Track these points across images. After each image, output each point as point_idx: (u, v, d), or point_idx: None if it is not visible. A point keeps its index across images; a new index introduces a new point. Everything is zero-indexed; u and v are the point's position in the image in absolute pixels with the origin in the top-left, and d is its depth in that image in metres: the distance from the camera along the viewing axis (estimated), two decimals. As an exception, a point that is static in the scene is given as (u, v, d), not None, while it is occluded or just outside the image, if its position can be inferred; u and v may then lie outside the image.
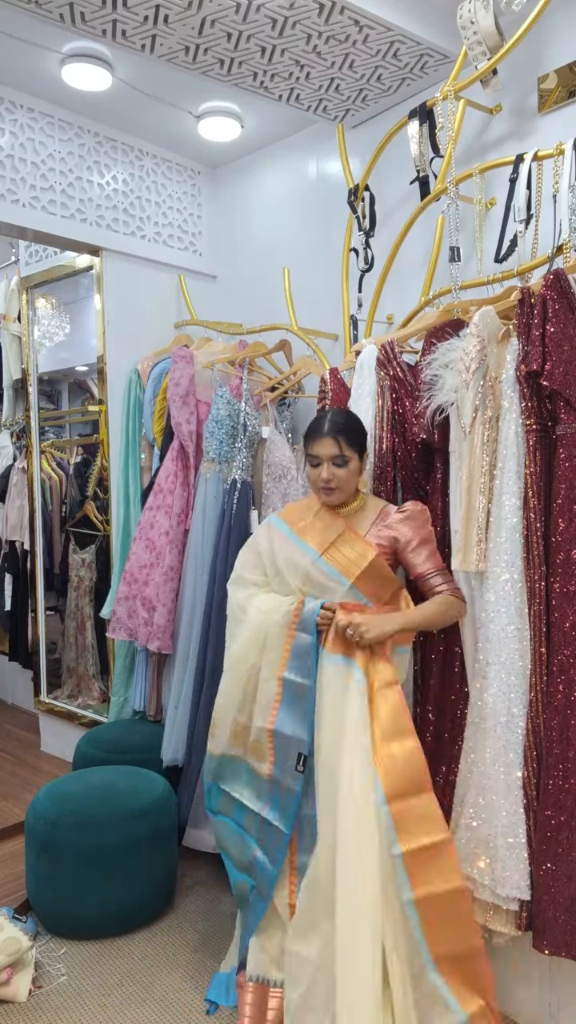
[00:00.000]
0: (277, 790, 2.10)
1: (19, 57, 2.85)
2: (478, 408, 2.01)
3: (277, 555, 2.16)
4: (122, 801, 2.63)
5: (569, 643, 1.89)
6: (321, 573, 2.08)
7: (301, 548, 2.12)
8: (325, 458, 2.08)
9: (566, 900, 1.87)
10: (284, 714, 2.06)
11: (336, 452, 2.07)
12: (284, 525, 2.19)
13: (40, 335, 4.09)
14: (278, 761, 2.08)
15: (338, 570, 2.06)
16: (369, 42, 2.56)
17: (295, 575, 2.11)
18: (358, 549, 2.07)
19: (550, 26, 2.40)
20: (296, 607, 2.07)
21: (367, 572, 2.04)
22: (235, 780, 2.23)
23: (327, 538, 2.10)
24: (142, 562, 3.16)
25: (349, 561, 2.06)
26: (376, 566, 2.05)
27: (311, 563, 2.09)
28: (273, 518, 2.26)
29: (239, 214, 3.69)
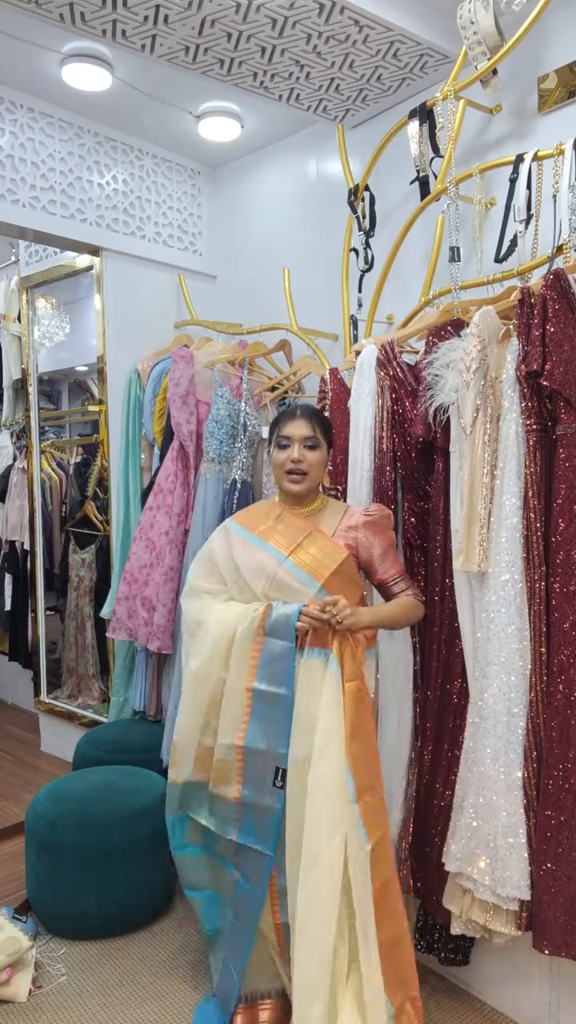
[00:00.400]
0: (250, 813, 1.97)
1: (19, 57, 2.85)
2: (479, 408, 2.01)
3: (239, 561, 2.04)
4: (122, 801, 2.63)
5: (569, 643, 1.89)
6: (289, 575, 1.98)
7: (267, 550, 2.02)
8: (297, 439, 2.04)
9: (566, 900, 1.87)
10: (255, 728, 1.94)
11: (309, 433, 2.04)
12: (243, 529, 2.09)
13: (40, 335, 4.09)
14: (249, 780, 1.95)
15: (307, 572, 1.97)
16: (369, 42, 2.56)
17: (260, 579, 2.00)
18: (327, 549, 2.00)
19: (550, 26, 2.40)
20: (263, 612, 1.96)
21: (337, 573, 1.98)
22: (201, 807, 2.10)
23: (294, 539, 2.02)
24: (142, 562, 3.16)
25: (318, 562, 1.98)
26: (347, 566, 2.01)
27: (278, 565, 1.99)
28: (230, 523, 2.15)
29: (239, 214, 3.69)
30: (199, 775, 2.07)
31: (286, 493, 2.11)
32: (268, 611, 1.95)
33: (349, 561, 2.01)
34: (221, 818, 2.04)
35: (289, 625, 1.92)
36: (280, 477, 2.08)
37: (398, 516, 2.30)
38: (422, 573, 2.26)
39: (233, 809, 1.99)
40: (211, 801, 2.06)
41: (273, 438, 2.09)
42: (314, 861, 1.81)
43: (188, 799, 2.11)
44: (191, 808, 2.12)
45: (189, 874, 2.17)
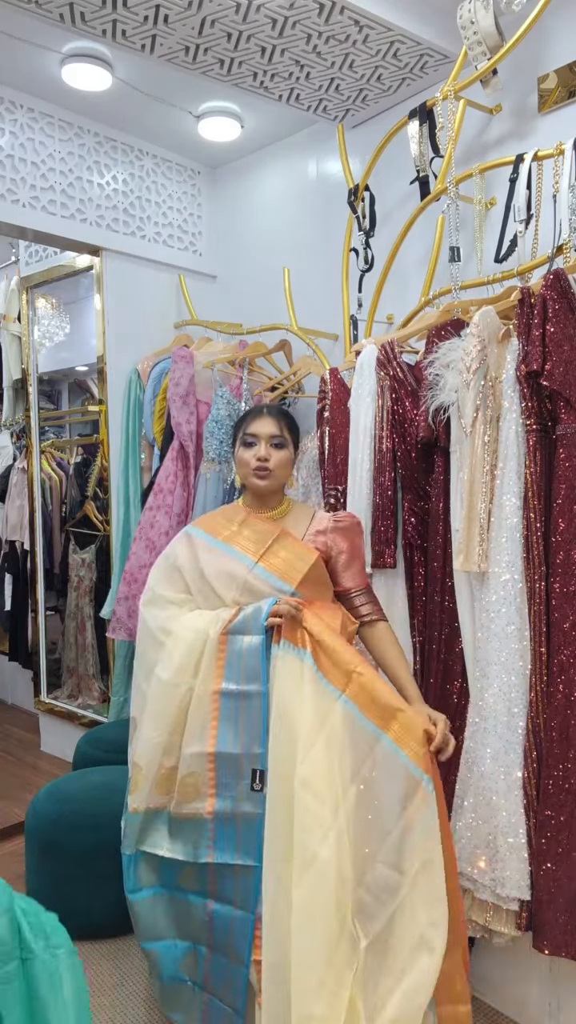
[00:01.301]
0: (226, 826, 1.81)
1: (19, 57, 2.85)
2: (479, 408, 2.01)
3: (205, 567, 1.93)
4: (122, 801, 2.62)
5: (569, 643, 1.89)
6: (260, 580, 1.89)
7: (234, 556, 1.92)
8: (263, 437, 1.96)
9: (566, 900, 1.87)
10: (225, 731, 1.81)
11: (276, 432, 1.96)
12: (207, 535, 1.98)
13: (40, 335, 4.09)
14: (223, 790, 1.80)
15: (278, 576, 1.89)
16: (369, 42, 2.56)
17: (230, 587, 1.90)
18: (297, 552, 1.93)
19: (550, 26, 2.40)
20: (231, 616, 1.85)
21: (309, 576, 1.91)
22: (159, 838, 1.91)
23: (262, 543, 1.93)
24: (142, 562, 3.16)
25: (289, 565, 1.90)
26: (318, 569, 1.93)
27: (248, 571, 1.90)
28: (190, 529, 2.03)
29: (239, 214, 3.69)
30: (157, 800, 1.90)
31: (252, 493, 2.03)
32: (237, 613, 1.86)
33: (320, 563, 1.94)
34: (188, 842, 1.85)
35: (259, 620, 1.82)
36: (246, 475, 1.99)
37: (398, 516, 2.30)
38: (422, 573, 2.26)
39: (205, 827, 1.82)
40: (173, 826, 1.89)
41: (238, 436, 2.01)
42: (310, 862, 1.68)
43: (145, 829, 1.93)
44: (146, 842, 1.93)
45: (147, 922, 1.95)
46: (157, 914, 1.94)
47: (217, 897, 1.83)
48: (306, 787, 1.70)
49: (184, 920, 1.91)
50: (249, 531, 1.97)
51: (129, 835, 1.95)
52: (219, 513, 2.08)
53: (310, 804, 1.70)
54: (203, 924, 1.86)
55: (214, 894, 1.84)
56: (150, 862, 1.94)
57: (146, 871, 1.95)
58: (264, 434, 1.97)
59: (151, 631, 1.95)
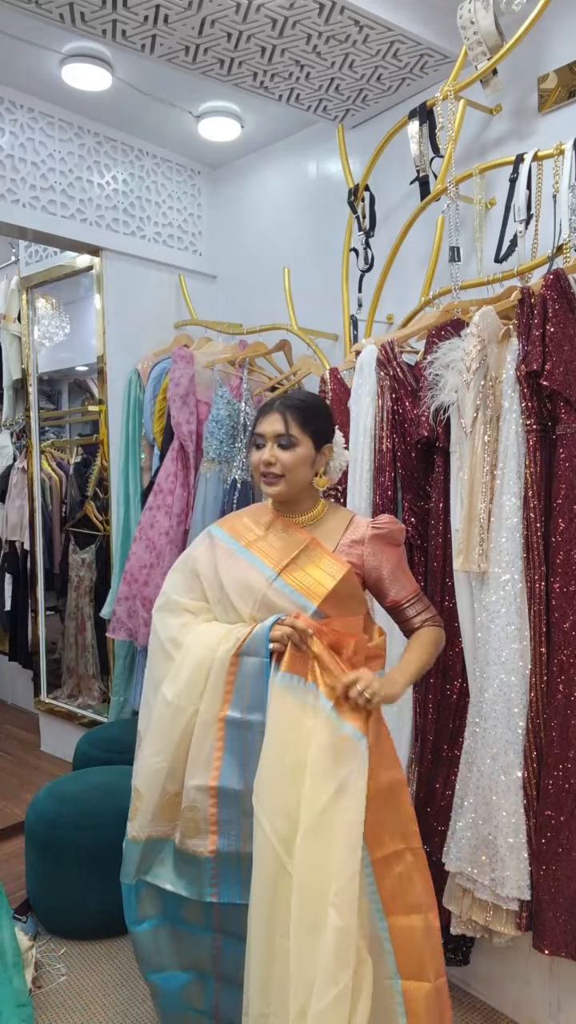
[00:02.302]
0: (231, 866, 1.67)
1: (19, 57, 2.85)
2: (479, 408, 2.01)
3: (223, 575, 1.75)
4: (122, 801, 2.61)
5: (569, 643, 1.89)
6: (280, 596, 1.69)
7: (255, 565, 1.72)
8: (269, 436, 1.71)
9: (566, 900, 1.87)
10: (229, 764, 1.65)
11: (282, 430, 1.69)
12: (229, 538, 1.79)
13: (40, 335, 4.09)
14: (226, 829, 1.65)
15: (301, 592, 1.68)
16: (369, 42, 2.56)
17: (247, 600, 1.71)
18: (325, 566, 1.70)
19: (550, 26, 2.40)
20: (246, 634, 1.66)
21: (337, 593, 1.68)
22: (163, 870, 1.76)
23: (287, 553, 1.72)
24: (142, 562, 3.16)
25: (314, 580, 1.69)
26: (348, 584, 1.70)
27: (267, 584, 1.69)
28: (214, 529, 1.83)
29: (239, 214, 3.69)
30: (161, 828, 1.75)
31: (272, 499, 1.82)
32: (251, 632, 1.67)
33: (350, 578, 1.71)
34: (192, 880, 1.71)
35: (263, 639, 1.63)
36: (256, 480, 1.78)
37: (398, 516, 2.30)
38: (422, 573, 2.26)
39: (208, 867, 1.67)
40: (178, 859, 1.74)
41: (251, 437, 1.79)
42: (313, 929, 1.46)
43: (148, 859, 1.77)
44: (149, 872, 1.78)
45: (148, 952, 1.80)
46: (159, 945, 1.81)
47: (225, 932, 1.72)
48: (311, 867, 1.49)
49: (188, 951, 1.79)
50: (275, 537, 1.76)
51: (128, 864, 1.79)
52: (246, 513, 1.87)
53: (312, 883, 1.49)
54: (211, 957, 1.76)
55: (221, 928, 1.73)
56: (152, 893, 1.80)
57: (148, 902, 1.80)
58: (270, 433, 1.72)
59: (160, 641, 1.78)
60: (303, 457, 1.72)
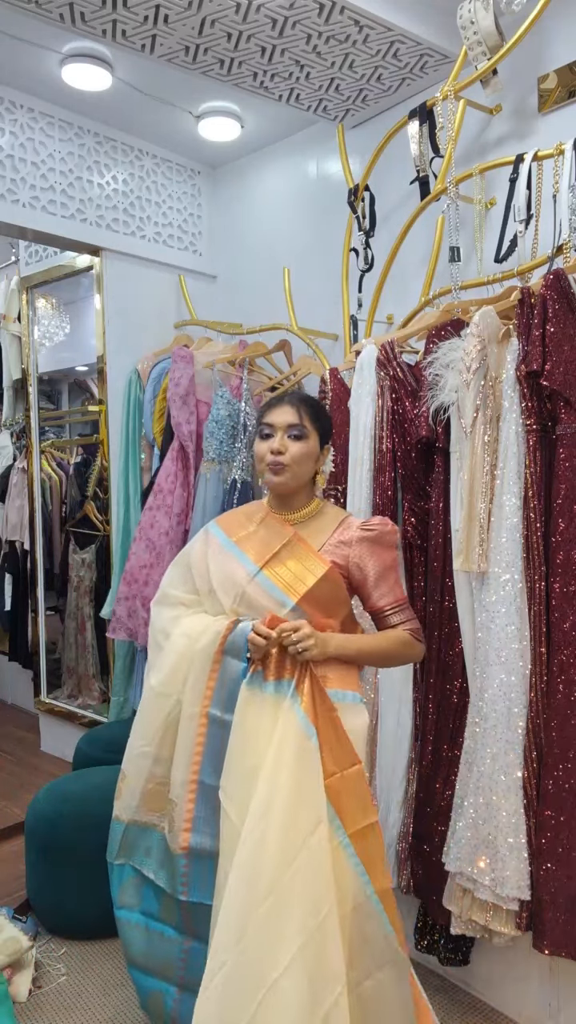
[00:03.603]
0: (202, 863, 1.67)
1: (19, 57, 2.85)
2: (479, 408, 2.01)
3: (212, 569, 1.79)
4: (122, 801, 2.63)
5: (569, 643, 1.89)
6: (260, 591, 1.70)
7: (239, 559, 1.75)
8: (280, 427, 1.73)
9: (566, 900, 1.87)
10: (209, 758, 1.68)
11: (295, 420, 1.72)
12: (222, 533, 1.83)
13: (40, 335, 4.09)
14: (200, 824, 1.67)
15: (280, 587, 1.69)
16: (369, 42, 2.56)
17: (229, 593, 1.74)
18: (307, 563, 1.70)
19: (550, 26, 2.40)
20: (227, 628, 1.70)
21: (317, 591, 1.69)
22: (148, 858, 1.80)
23: (270, 548, 1.74)
24: (142, 562, 3.16)
25: (294, 576, 1.69)
26: (329, 582, 1.70)
27: (248, 579, 1.72)
28: (211, 526, 1.87)
29: (239, 214, 3.69)
30: (148, 815, 1.78)
31: (272, 492, 1.83)
32: (232, 627, 1.70)
33: (332, 576, 1.71)
34: (170, 873, 1.74)
35: (242, 643, 1.66)
36: (262, 470, 1.78)
37: (398, 516, 2.30)
38: (422, 573, 2.26)
39: (181, 863, 1.69)
40: (162, 852, 1.76)
41: (258, 428, 1.80)
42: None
43: (134, 844, 1.81)
44: (135, 857, 1.82)
45: (133, 947, 1.84)
46: (132, 941, 1.85)
47: (195, 936, 1.73)
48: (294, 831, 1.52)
49: (157, 954, 1.80)
50: (264, 532, 1.79)
51: (112, 843, 1.84)
52: (242, 511, 1.92)
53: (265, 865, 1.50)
54: (177, 962, 1.76)
55: (191, 931, 1.74)
56: (134, 882, 1.84)
57: (130, 890, 1.84)
58: (281, 423, 1.73)
59: (153, 632, 1.85)
60: (311, 450, 1.76)
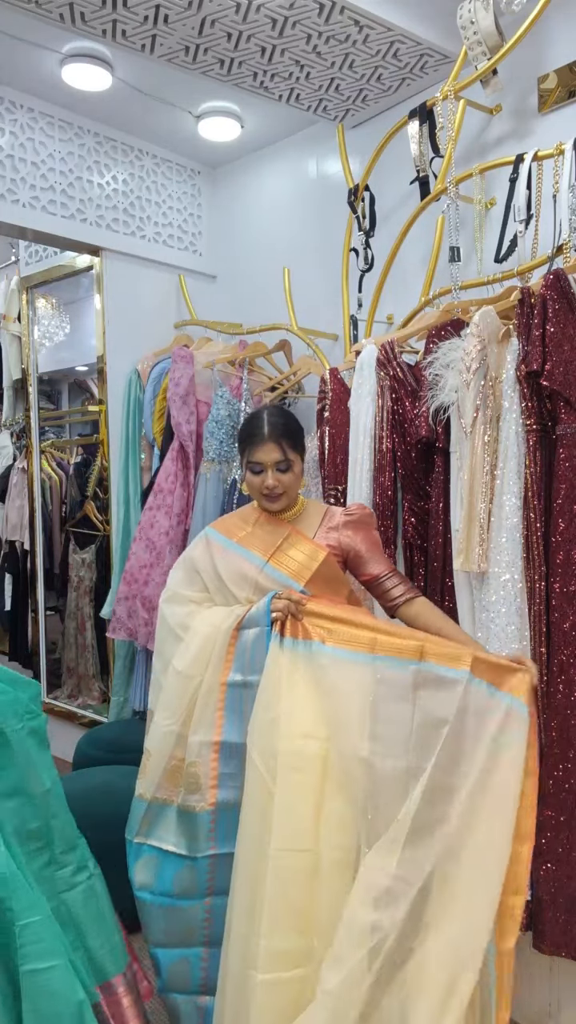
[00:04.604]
0: (228, 816, 1.83)
1: (19, 57, 2.85)
2: (479, 408, 2.01)
3: (220, 568, 1.99)
4: (122, 801, 2.62)
5: (569, 643, 1.89)
6: (270, 580, 1.94)
7: (246, 557, 1.97)
8: (268, 465, 1.93)
9: (567, 900, 1.87)
10: (231, 720, 1.86)
11: (280, 457, 1.93)
12: (222, 536, 2.03)
13: (40, 335, 4.09)
14: (226, 780, 1.84)
15: (288, 575, 1.93)
16: (369, 42, 2.56)
17: (243, 586, 1.96)
18: (307, 551, 1.95)
19: (550, 26, 2.40)
20: (245, 611, 1.91)
21: (319, 573, 1.94)
22: (165, 831, 1.95)
23: (272, 543, 1.97)
24: (142, 562, 3.16)
25: (299, 564, 1.94)
26: (328, 565, 1.95)
27: (258, 571, 1.95)
28: (209, 531, 2.08)
29: (239, 214, 3.69)
30: (165, 793, 1.95)
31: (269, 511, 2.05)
32: (249, 609, 1.91)
33: (330, 560, 1.96)
34: (193, 837, 1.89)
35: (263, 613, 1.86)
36: (257, 497, 2.01)
37: (398, 516, 2.30)
38: (422, 573, 2.26)
39: (206, 820, 1.85)
40: (180, 820, 1.92)
41: (243, 457, 1.98)
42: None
43: (154, 821, 1.97)
44: (154, 834, 1.97)
45: (152, 926, 1.97)
46: (152, 920, 1.98)
47: (215, 892, 1.86)
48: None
49: (177, 926, 1.93)
50: (262, 531, 2.00)
51: (133, 820, 2.00)
52: (236, 515, 2.12)
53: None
54: (200, 924, 1.90)
55: (212, 890, 1.87)
56: (149, 862, 1.97)
57: (144, 871, 1.98)
58: (269, 462, 1.93)
59: (170, 627, 2.00)
60: (298, 473, 2.00)
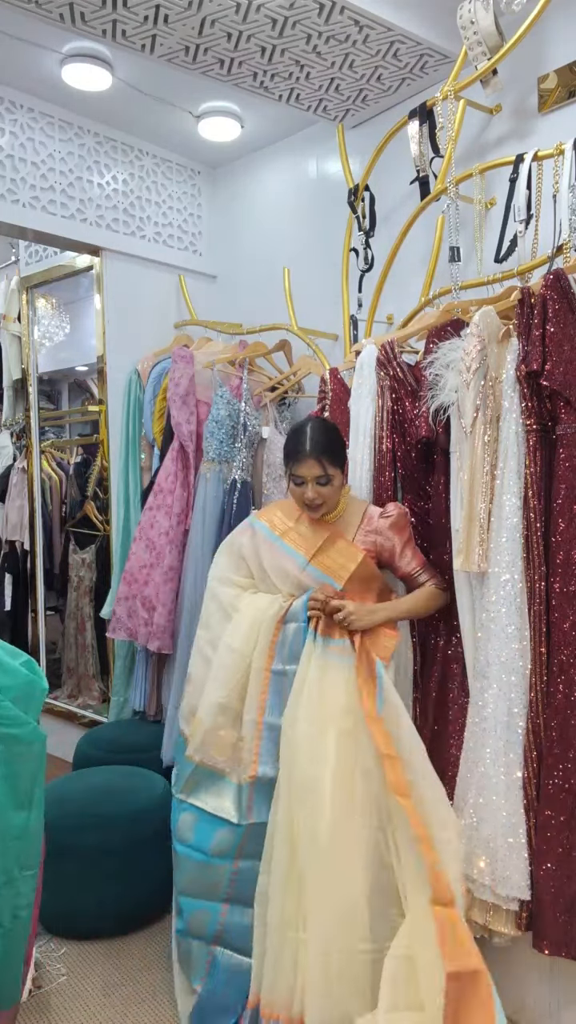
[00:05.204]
0: (264, 788, 2.04)
1: (19, 57, 2.85)
2: (479, 408, 2.01)
3: (264, 559, 2.18)
4: (122, 801, 2.63)
5: (569, 643, 1.89)
6: (311, 579, 2.12)
7: (289, 554, 2.15)
8: (309, 479, 2.08)
9: (566, 900, 1.87)
10: (273, 704, 2.08)
11: (320, 473, 2.07)
12: (268, 529, 2.20)
13: (40, 335, 4.09)
14: (265, 756, 2.05)
15: (328, 575, 2.11)
16: (369, 42, 2.56)
17: (285, 582, 2.15)
18: (346, 553, 2.12)
19: (550, 26, 2.40)
20: (288, 604, 2.11)
21: (356, 574, 2.11)
22: (208, 794, 2.14)
23: (314, 543, 2.14)
24: (142, 562, 3.16)
25: (339, 565, 2.11)
26: (365, 567, 2.12)
27: (300, 570, 2.13)
28: (255, 522, 2.24)
29: (239, 214, 3.69)
30: (214, 758, 2.13)
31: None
32: (292, 603, 2.11)
33: (367, 562, 2.12)
34: (233, 804, 2.10)
35: (301, 610, 2.08)
36: (300, 506, 2.16)
37: (398, 516, 2.31)
38: (422, 573, 2.26)
39: (245, 793, 2.07)
40: (223, 788, 2.13)
41: (287, 470, 2.13)
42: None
43: (198, 784, 2.16)
44: (197, 794, 2.16)
45: (183, 876, 2.16)
46: (184, 871, 2.15)
47: (244, 856, 2.06)
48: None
49: (204, 881, 2.10)
50: (306, 530, 2.17)
51: (179, 779, 2.20)
52: (279, 507, 2.27)
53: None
54: (225, 883, 2.08)
55: (242, 854, 2.06)
56: (189, 819, 2.15)
57: (184, 826, 2.16)
58: (310, 476, 2.08)
59: (221, 604, 2.21)
60: (338, 484, 2.13)
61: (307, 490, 2.09)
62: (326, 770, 1.91)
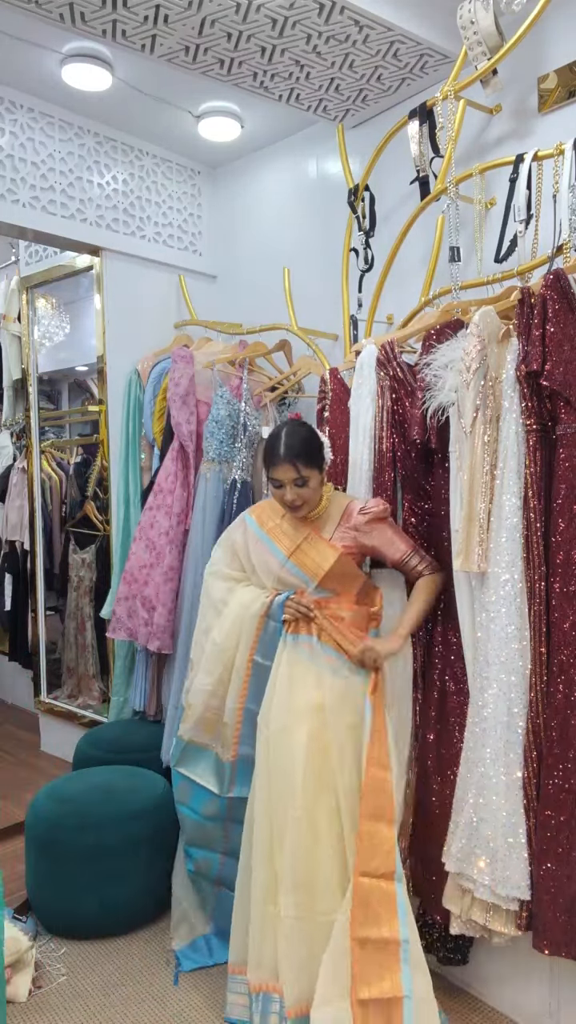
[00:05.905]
0: (245, 767, 2.27)
1: (19, 57, 2.85)
2: (478, 408, 2.01)
3: (252, 554, 2.32)
4: (122, 801, 2.63)
5: (569, 643, 1.89)
6: (289, 574, 2.24)
7: (271, 550, 2.27)
8: (286, 482, 2.15)
9: (566, 900, 1.87)
10: (253, 692, 2.27)
11: (295, 475, 2.13)
12: (256, 524, 2.33)
13: (40, 335, 4.09)
14: (245, 739, 2.27)
15: (304, 572, 2.21)
16: (369, 42, 2.56)
17: (267, 575, 2.29)
18: (322, 552, 2.20)
19: (550, 26, 2.40)
20: (269, 600, 2.26)
21: (331, 573, 2.19)
22: (197, 767, 2.41)
23: (294, 541, 2.24)
24: (142, 562, 3.16)
25: (315, 564, 2.20)
26: (341, 565, 2.19)
27: (280, 566, 2.25)
28: (247, 517, 2.38)
29: (239, 214, 3.69)
30: (201, 738, 2.38)
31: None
32: (273, 599, 2.25)
33: (343, 560, 2.20)
34: (219, 779, 2.36)
35: (277, 610, 2.24)
36: (283, 507, 2.23)
37: (398, 516, 2.31)
38: (422, 573, 2.26)
39: (228, 769, 2.33)
40: (209, 763, 2.38)
41: (267, 474, 2.21)
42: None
43: (189, 758, 2.41)
44: (188, 766, 2.42)
45: (187, 830, 2.49)
46: (186, 826, 2.48)
47: (232, 820, 2.36)
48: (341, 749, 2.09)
49: (204, 836, 2.44)
50: (288, 526, 2.27)
51: (174, 752, 2.46)
52: (268, 504, 2.39)
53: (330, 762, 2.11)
54: (220, 838, 2.40)
55: (231, 817, 2.36)
56: (185, 786, 2.43)
57: (182, 791, 2.45)
58: (287, 479, 2.15)
59: (212, 600, 2.39)
60: (316, 485, 2.18)
61: (286, 492, 2.16)
62: (298, 756, 2.07)
